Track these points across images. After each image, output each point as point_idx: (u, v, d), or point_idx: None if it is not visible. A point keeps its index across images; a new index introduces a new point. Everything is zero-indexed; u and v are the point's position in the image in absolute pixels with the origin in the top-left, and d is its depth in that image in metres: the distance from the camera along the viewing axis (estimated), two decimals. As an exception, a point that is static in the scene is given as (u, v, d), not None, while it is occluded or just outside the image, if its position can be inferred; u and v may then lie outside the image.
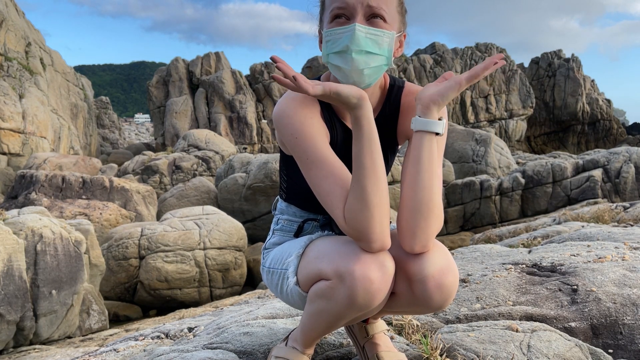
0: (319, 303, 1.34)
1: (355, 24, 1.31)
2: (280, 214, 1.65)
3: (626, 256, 2.63)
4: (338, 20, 1.35)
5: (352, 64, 1.32)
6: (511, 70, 47.03)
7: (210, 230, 12.13)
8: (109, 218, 13.37)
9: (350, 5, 1.33)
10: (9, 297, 6.87)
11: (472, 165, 23.14)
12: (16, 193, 14.88)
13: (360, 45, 1.31)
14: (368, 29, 1.32)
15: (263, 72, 40.57)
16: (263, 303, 3.05)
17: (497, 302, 2.20)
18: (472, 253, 3.38)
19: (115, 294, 11.47)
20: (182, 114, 37.15)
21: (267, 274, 1.59)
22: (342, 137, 1.48)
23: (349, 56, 1.32)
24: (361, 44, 1.31)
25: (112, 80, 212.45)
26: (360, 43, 1.31)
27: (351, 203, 1.26)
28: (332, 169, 1.32)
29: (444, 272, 1.31)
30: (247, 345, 1.85)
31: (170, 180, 21.54)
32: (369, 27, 1.32)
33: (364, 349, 1.64)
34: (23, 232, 7.39)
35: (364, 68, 1.33)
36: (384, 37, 1.33)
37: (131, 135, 64.35)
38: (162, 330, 2.67)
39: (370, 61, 1.33)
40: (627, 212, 6.87)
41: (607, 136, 49.38)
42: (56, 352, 6.00)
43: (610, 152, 18.70)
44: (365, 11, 1.33)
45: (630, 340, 1.94)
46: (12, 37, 26.23)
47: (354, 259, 1.26)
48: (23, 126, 23.27)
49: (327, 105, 1.47)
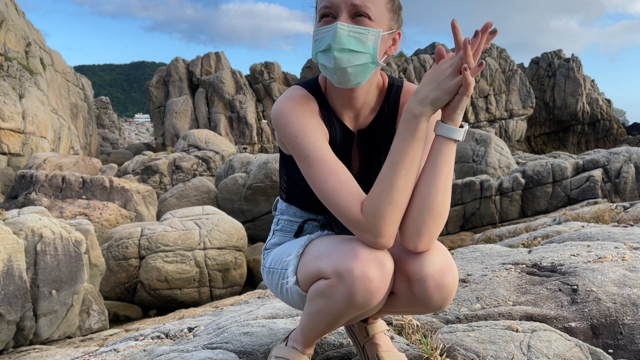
0: (319, 302, 1.34)
1: (337, 23, 1.31)
2: (281, 214, 1.66)
3: (626, 256, 2.63)
4: (325, 20, 1.35)
5: (334, 62, 1.32)
6: (511, 70, 47.03)
7: (210, 230, 12.13)
8: (109, 218, 13.37)
9: (335, 4, 1.33)
10: (9, 297, 6.87)
11: (472, 165, 23.15)
12: (16, 193, 14.88)
13: (342, 43, 1.31)
14: (350, 27, 1.31)
15: (263, 72, 40.58)
16: (263, 303, 3.05)
17: (497, 302, 2.20)
18: (472, 253, 3.38)
19: (115, 294, 11.47)
20: (182, 114, 37.15)
21: (268, 274, 1.59)
22: (340, 137, 1.48)
23: (331, 54, 1.32)
24: (343, 42, 1.31)
25: (112, 80, 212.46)
26: (342, 41, 1.31)
27: (377, 195, 1.26)
28: (335, 167, 1.33)
29: (444, 271, 1.31)
30: (247, 345, 1.85)
31: (170, 180, 21.54)
32: (352, 25, 1.32)
33: (364, 349, 1.64)
34: (23, 232, 7.39)
35: (347, 66, 1.32)
36: (368, 35, 1.33)
37: (131, 135, 64.35)
38: (162, 330, 2.67)
39: (353, 59, 1.32)
40: (627, 212, 6.87)
41: (607, 136, 49.37)
42: (56, 352, 6.00)
43: (610, 152, 18.70)
44: (349, 9, 1.32)
45: (630, 340, 1.94)
46: (12, 37, 26.23)
47: (353, 258, 1.26)
48: (23, 126, 23.27)
49: (325, 104, 1.47)
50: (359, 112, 1.49)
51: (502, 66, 47.29)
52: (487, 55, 47.16)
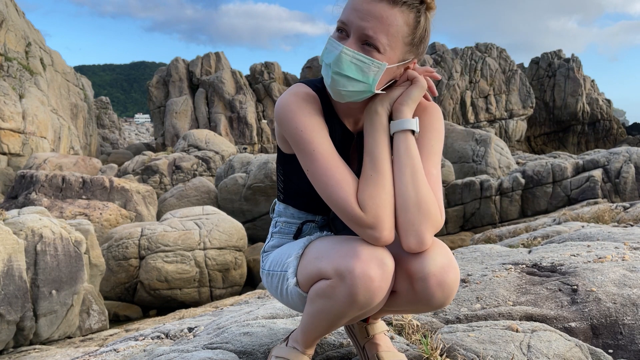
0: (320, 302, 1.35)
1: (342, 47, 1.30)
2: (278, 216, 1.65)
3: (626, 256, 2.63)
4: (339, 34, 1.34)
5: (330, 81, 1.33)
6: (511, 70, 47.04)
7: (210, 230, 12.13)
8: (109, 218, 13.37)
9: (349, 24, 1.31)
10: (9, 297, 6.87)
11: (472, 165, 23.15)
12: (16, 193, 14.88)
13: (342, 68, 1.30)
14: (355, 53, 1.30)
15: (263, 72, 40.60)
16: (263, 303, 3.05)
17: (497, 302, 2.20)
18: (472, 253, 3.38)
19: (115, 294, 11.48)
20: (182, 114, 37.16)
21: (267, 277, 1.59)
22: (340, 138, 1.48)
23: (330, 73, 1.33)
24: (343, 67, 1.30)
25: (112, 80, 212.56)
26: (342, 66, 1.30)
27: (374, 190, 1.31)
28: (339, 162, 1.35)
29: (445, 269, 1.31)
30: (247, 345, 1.85)
31: (170, 180, 21.54)
32: (357, 52, 1.30)
33: (364, 349, 1.64)
34: (23, 232, 7.39)
35: (341, 89, 1.33)
36: (371, 66, 1.31)
37: (131, 135, 64.34)
38: (162, 330, 2.67)
39: (349, 86, 1.32)
40: (627, 212, 6.87)
41: (607, 136, 49.39)
42: (56, 352, 6.00)
43: (610, 152, 18.71)
44: (360, 36, 1.30)
45: (630, 340, 1.94)
46: (12, 37, 26.25)
47: (354, 257, 1.26)
48: (23, 126, 23.28)
49: (327, 104, 1.47)
50: (360, 115, 1.49)
51: (502, 66, 47.30)
52: (487, 55, 47.18)
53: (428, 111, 1.46)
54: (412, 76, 1.39)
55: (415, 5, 1.32)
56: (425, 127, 1.43)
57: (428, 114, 1.45)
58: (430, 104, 1.48)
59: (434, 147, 1.42)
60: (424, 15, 1.35)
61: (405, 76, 1.40)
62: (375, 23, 1.29)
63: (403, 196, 1.31)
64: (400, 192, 1.31)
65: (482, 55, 47.03)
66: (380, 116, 1.38)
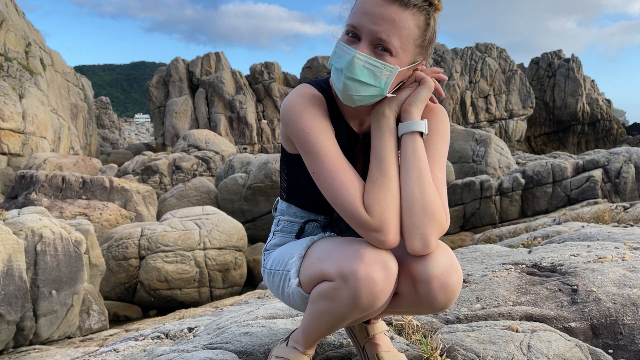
0: (322, 304, 1.34)
1: (355, 52, 1.29)
2: (281, 215, 1.65)
3: (626, 256, 2.63)
4: (349, 38, 1.33)
5: (343, 86, 1.32)
6: (511, 71, 47.04)
7: (210, 230, 12.13)
8: (109, 218, 13.37)
9: (361, 28, 1.30)
10: (9, 297, 6.87)
11: (472, 166, 23.14)
12: (16, 193, 14.88)
13: (355, 73, 1.29)
14: (367, 58, 1.29)
15: (263, 72, 40.58)
16: (263, 303, 3.05)
17: (497, 302, 2.20)
18: (472, 253, 3.38)
19: (115, 294, 11.48)
20: (182, 114, 37.16)
21: (269, 276, 1.58)
22: (345, 140, 1.48)
23: (342, 78, 1.31)
24: (356, 73, 1.29)
25: (112, 81, 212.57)
26: (355, 71, 1.29)
27: (381, 193, 1.30)
28: (345, 164, 1.34)
29: (449, 272, 1.31)
30: (247, 346, 1.85)
31: (170, 181, 21.54)
32: (369, 56, 1.29)
33: (364, 350, 1.64)
34: (23, 232, 7.39)
35: (353, 94, 1.32)
36: (383, 70, 1.30)
37: (131, 136, 64.32)
38: (162, 330, 2.67)
39: (362, 90, 1.32)
40: (627, 212, 6.87)
41: (607, 136, 49.39)
42: (56, 352, 6.00)
43: (610, 152, 18.70)
44: (372, 39, 1.29)
45: (630, 340, 1.94)
46: (12, 37, 26.25)
47: (357, 260, 1.26)
48: (23, 126, 23.28)
49: (333, 105, 1.47)
50: (365, 117, 1.49)
51: (502, 66, 47.30)
52: (487, 55, 47.18)
53: (434, 113, 1.46)
54: (420, 77, 1.38)
55: (425, 7, 1.32)
56: (432, 129, 1.42)
57: (434, 116, 1.45)
58: (437, 106, 1.48)
59: (439, 150, 1.41)
60: (433, 17, 1.36)
61: (412, 77, 1.40)
62: (387, 26, 1.28)
63: (409, 198, 1.30)
64: (406, 194, 1.31)
65: (482, 55, 47.04)
66: (388, 118, 1.37)
